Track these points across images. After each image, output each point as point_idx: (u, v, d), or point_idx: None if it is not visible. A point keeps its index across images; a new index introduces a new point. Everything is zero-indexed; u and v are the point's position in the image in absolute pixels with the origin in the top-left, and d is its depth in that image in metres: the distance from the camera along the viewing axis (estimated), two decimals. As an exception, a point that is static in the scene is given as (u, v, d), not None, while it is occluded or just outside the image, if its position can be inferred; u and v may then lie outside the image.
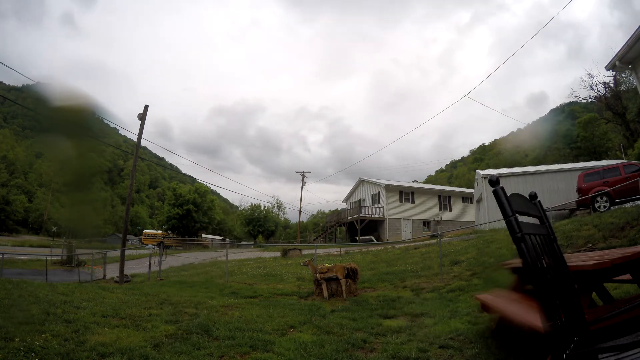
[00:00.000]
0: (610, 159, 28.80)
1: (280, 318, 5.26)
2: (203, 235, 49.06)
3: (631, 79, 23.58)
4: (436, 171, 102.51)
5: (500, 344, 3.26)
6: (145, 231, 55.25)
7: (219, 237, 53.41)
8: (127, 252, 17.42)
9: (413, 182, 49.79)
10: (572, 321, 1.40)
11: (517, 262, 3.82)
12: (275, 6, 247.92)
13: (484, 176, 20.75)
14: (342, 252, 17.75)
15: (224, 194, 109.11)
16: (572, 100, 48.17)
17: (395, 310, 5.71)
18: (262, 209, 47.16)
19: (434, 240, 15.26)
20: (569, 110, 70.15)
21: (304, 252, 18.90)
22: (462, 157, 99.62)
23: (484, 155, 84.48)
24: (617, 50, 7.77)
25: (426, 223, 31.84)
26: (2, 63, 9.24)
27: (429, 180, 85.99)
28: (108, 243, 33.12)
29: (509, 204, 1.36)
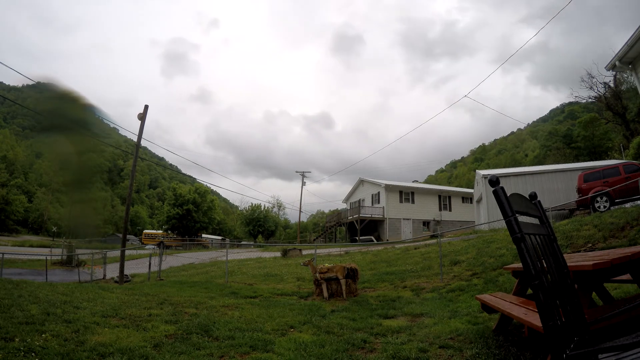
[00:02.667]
0: (610, 159, 28.82)
1: (280, 318, 5.26)
2: (203, 235, 49.08)
3: (631, 79, 23.56)
4: (436, 171, 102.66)
5: (500, 344, 3.26)
6: (145, 231, 55.32)
7: (219, 237, 53.51)
8: (127, 252, 17.43)
9: (413, 182, 49.78)
10: (572, 321, 1.40)
11: (518, 265, 3.83)
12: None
13: (484, 176, 20.76)
14: (342, 252, 17.75)
15: (224, 194, 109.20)
16: (572, 100, 48.26)
17: (395, 310, 5.70)
18: (262, 209, 47.26)
19: (434, 240, 15.26)
20: (569, 110, 70.27)
21: (304, 252, 18.91)
22: (462, 157, 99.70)
23: (484, 155, 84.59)
24: (617, 50, 7.77)
25: (426, 223, 31.83)
26: (2, 63, 9.24)
27: (429, 180, 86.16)
28: (108, 243, 33.10)
29: (509, 204, 1.36)
